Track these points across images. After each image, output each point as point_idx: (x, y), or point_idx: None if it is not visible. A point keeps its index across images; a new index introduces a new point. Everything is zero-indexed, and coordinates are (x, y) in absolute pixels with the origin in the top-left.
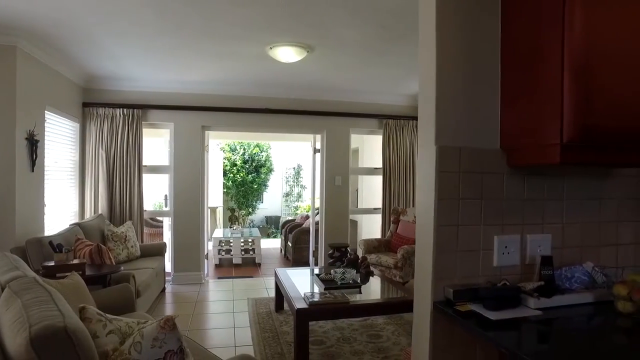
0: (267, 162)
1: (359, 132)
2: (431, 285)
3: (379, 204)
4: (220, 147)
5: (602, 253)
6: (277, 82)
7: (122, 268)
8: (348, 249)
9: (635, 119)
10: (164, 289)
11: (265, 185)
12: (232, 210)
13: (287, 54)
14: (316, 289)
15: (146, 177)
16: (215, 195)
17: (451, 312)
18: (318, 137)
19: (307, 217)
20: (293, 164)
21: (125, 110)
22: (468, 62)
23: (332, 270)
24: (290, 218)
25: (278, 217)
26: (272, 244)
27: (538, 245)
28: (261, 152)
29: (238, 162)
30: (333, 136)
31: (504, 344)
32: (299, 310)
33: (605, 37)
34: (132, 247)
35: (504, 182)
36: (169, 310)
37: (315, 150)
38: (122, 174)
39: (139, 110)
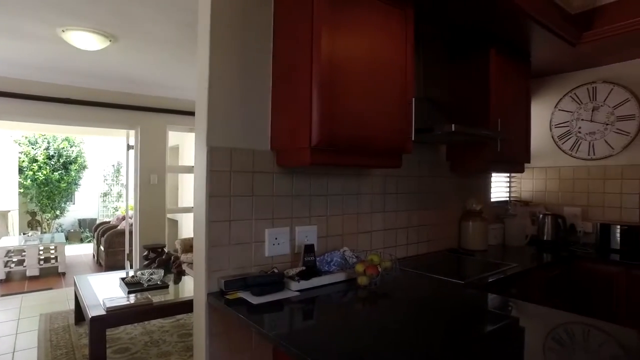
0: (78, 159)
1: (178, 130)
2: (205, 277)
3: None
4: (14, 140)
5: (360, 239)
6: (80, 70)
7: None
8: (165, 249)
9: (363, 128)
10: None
11: (77, 184)
12: (33, 213)
13: (85, 40)
14: (119, 294)
15: None
16: (6, 196)
17: (222, 301)
18: (132, 132)
19: (124, 218)
20: (112, 160)
21: None
22: (243, 72)
23: (138, 272)
24: (106, 220)
25: (94, 220)
26: (84, 250)
27: (305, 236)
28: (71, 146)
29: (40, 158)
30: (148, 132)
31: (257, 324)
32: (93, 318)
33: (343, 60)
34: None
35: (274, 180)
36: None
37: (129, 147)
38: None
39: None
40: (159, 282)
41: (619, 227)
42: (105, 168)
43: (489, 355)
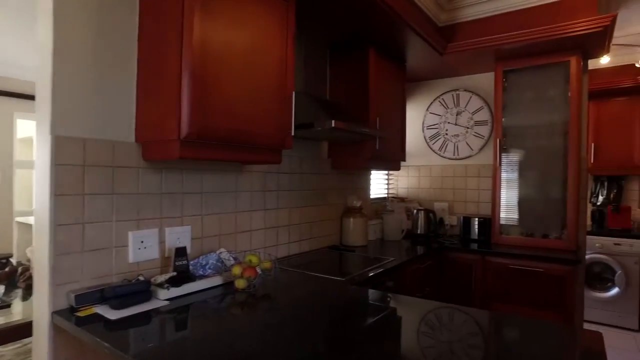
0: None
1: (30, 118)
2: (49, 293)
3: None
4: None
5: (239, 239)
6: None
7: None
8: (10, 259)
9: (240, 121)
10: None
11: None
12: None
13: None
14: None
15: None
16: None
17: (72, 319)
18: None
19: None
20: None
21: None
22: (102, 50)
23: None
24: None
25: None
26: None
27: (177, 238)
28: None
29: None
30: None
31: (113, 343)
32: None
33: (218, 46)
34: None
35: (140, 176)
36: None
37: None
38: None
39: None
40: None
41: (477, 219)
42: None
43: (371, 345)
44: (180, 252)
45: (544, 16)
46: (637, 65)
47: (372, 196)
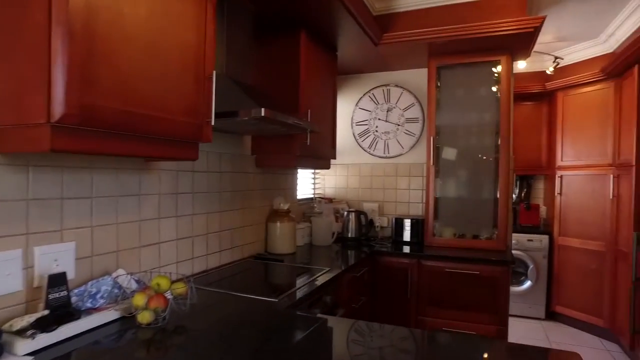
0: None
1: None
2: None
3: None
4: None
5: (144, 255)
6: None
7: None
8: None
9: (143, 103)
10: None
11: None
12: None
13: None
14: None
15: None
16: None
17: None
18: None
19: None
20: None
21: None
22: None
23: None
24: None
25: None
26: None
27: (54, 259)
28: None
29: None
30: None
31: None
32: None
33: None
34: None
35: None
36: None
37: None
38: None
39: None
40: None
41: (409, 221)
42: None
43: None
44: (57, 279)
45: (476, 12)
46: (548, 72)
47: (298, 197)
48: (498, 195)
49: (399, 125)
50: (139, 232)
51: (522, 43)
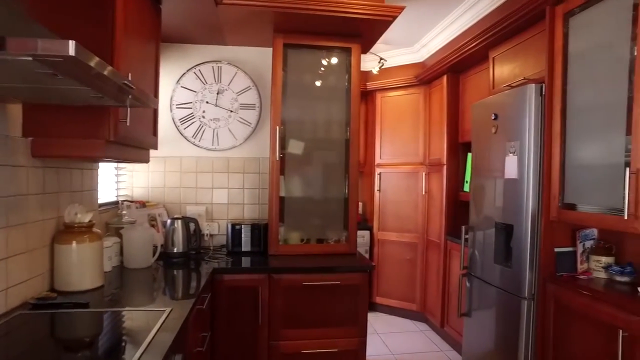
0: None
1: None
2: None
3: None
4: None
5: None
6: None
7: None
8: None
9: None
10: None
11: None
12: None
13: None
14: None
15: None
16: None
17: None
18: None
19: None
20: None
21: None
22: None
23: None
24: None
25: None
26: None
27: None
28: None
29: None
30: None
31: None
32: None
33: None
34: None
35: None
36: None
37: None
38: None
39: None
40: None
41: (249, 227)
42: None
43: None
44: None
45: None
46: (374, 72)
47: (98, 202)
48: (347, 194)
49: (231, 111)
50: None
51: (374, 32)
